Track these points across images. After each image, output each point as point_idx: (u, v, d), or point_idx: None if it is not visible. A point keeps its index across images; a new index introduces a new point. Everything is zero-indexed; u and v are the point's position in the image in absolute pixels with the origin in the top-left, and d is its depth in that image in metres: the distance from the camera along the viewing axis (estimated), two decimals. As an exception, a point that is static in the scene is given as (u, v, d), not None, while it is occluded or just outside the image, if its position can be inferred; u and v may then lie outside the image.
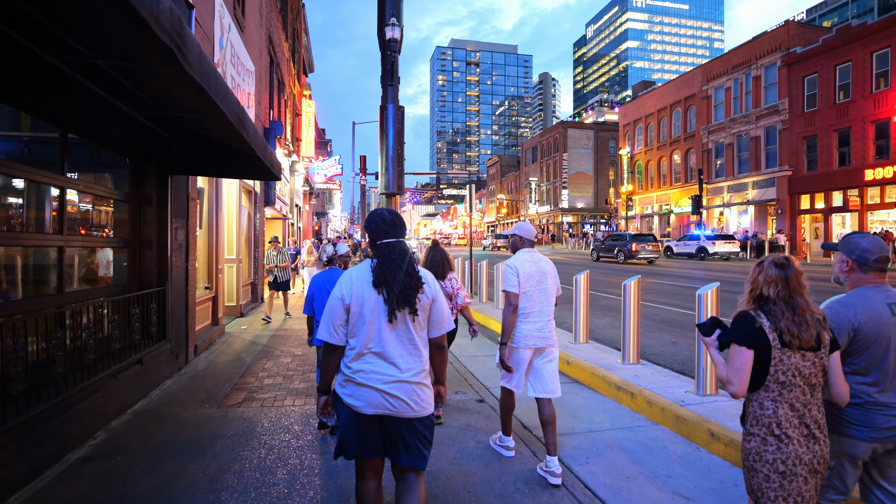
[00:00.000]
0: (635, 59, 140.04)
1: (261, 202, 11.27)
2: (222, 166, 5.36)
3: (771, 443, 1.83)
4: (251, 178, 5.44)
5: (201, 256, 7.53)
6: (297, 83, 20.03)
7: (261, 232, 11.27)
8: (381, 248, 2.16)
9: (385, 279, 2.09)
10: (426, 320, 2.18)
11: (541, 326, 3.26)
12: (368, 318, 2.08)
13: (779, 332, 1.84)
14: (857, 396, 1.99)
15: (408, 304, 2.10)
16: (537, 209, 62.96)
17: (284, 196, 15.16)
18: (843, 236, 2.18)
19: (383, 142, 8.99)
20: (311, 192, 26.04)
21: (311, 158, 19.53)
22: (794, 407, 1.84)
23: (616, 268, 20.44)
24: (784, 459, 1.81)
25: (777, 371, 1.84)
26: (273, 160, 5.10)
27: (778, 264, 1.92)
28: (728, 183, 32.37)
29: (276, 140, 11.74)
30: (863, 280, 2.06)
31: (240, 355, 6.49)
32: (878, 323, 1.97)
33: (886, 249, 2.05)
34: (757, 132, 30.21)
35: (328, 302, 2.15)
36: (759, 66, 30.15)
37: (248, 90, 9.41)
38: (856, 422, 1.98)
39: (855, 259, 2.06)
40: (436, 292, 2.20)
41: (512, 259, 3.35)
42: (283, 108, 15.36)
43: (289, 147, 16.18)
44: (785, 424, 1.82)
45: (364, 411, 2.07)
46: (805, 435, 1.83)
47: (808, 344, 1.83)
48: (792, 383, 1.83)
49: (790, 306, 1.87)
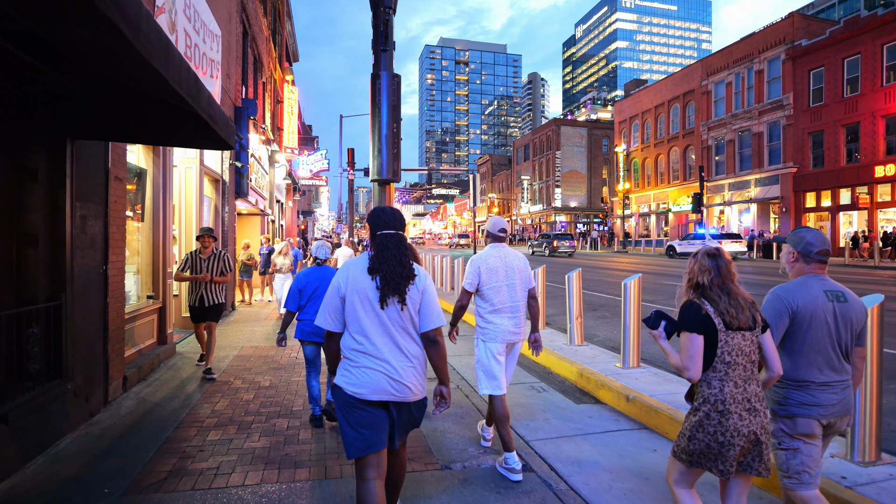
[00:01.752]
0: (624, 60, 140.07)
1: (230, 193, 9.64)
2: (152, 129, 3.79)
3: (713, 418, 2.01)
4: (196, 147, 3.91)
5: (144, 257, 5.93)
6: (279, 67, 18.37)
7: (231, 228, 9.65)
8: (380, 237, 2.25)
9: (380, 266, 2.18)
10: (416, 312, 2.23)
11: (515, 322, 3.27)
12: (363, 304, 2.16)
13: (722, 315, 2.03)
14: (800, 380, 2.17)
15: (398, 292, 2.17)
16: (530, 208, 61.76)
17: (262, 189, 13.51)
18: (791, 231, 2.36)
19: (375, 118, 7.44)
20: (296, 187, 24.33)
21: (293, 150, 17.89)
22: (737, 384, 2.02)
23: (544, 259, 26.53)
24: (724, 431, 1.98)
25: (723, 352, 2.03)
26: (223, 121, 3.55)
27: (710, 255, 2.14)
28: (729, 180, 31.37)
29: (249, 121, 10.13)
30: (805, 270, 2.26)
31: (186, 387, 4.91)
32: (814, 307, 2.16)
33: (828, 244, 2.28)
34: (760, 128, 29.23)
35: (327, 292, 2.25)
36: (761, 60, 29.16)
37: (213, 57, 7.80)
38: (806, 403, 2.15)
39: (800, 251, 2.25)
40: (426, 286, 2.26)
41: (477, 254, 3.34)
42: (260, 90, 13.72)
43: (266, 133, 14.53)
44: (729, 401, 2.00)
45: (369, 398, 2.13)
46: (746, 409, 2.01)
47: (746, 324, 2.04)
48: (736, 362, 2.03)
49: (725, 291, 2.08)
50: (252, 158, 11.62)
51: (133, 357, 5.15)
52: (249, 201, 11.24)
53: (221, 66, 8.41)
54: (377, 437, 2.12)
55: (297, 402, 4.53)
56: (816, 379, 2.15)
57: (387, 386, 2.12)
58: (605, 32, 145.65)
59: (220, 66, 8.19)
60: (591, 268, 20.55)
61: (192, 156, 7.64)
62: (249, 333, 7.73)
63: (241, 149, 9.97)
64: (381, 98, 7.56)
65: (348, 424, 2.13)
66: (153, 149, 5.91)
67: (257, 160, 12.52)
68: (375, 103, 7.59)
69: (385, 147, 7.52)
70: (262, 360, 6.02)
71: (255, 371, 5.52)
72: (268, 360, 6.07)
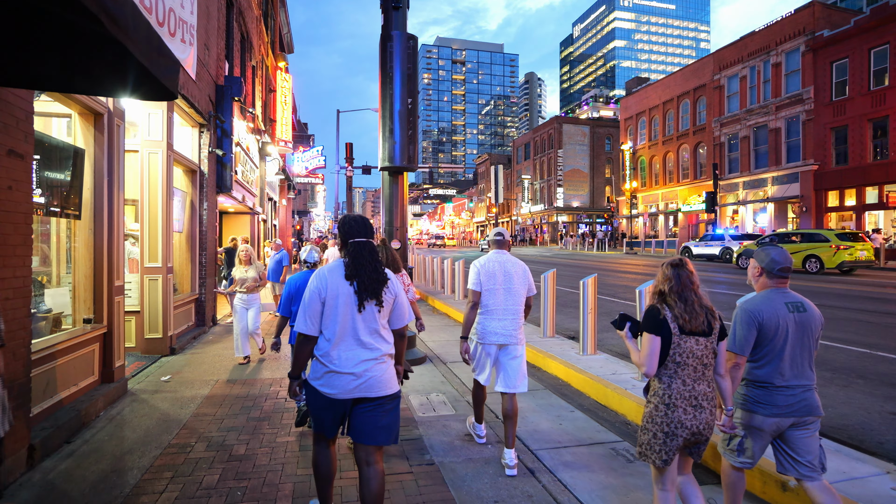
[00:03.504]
0: (622, 59, 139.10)
1: (210, 186, 8.13)
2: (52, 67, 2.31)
3: (661, 409, 2.23)
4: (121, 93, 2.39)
5: (82, 266, 4.42)
6: (271, 54, 16.85)
7: (210, 228, 8.13)
8: (352, 245, 2.40)
9: (357, 272, 2.33)
10: (389, 313, 2.41)
11: (505, 324, 3.41)
12: (342, 309, 2.30)
13: (677, 320, 2.23)
14: (763, 381, 2.39)
15: (375, 295, 2.33)
16: (530, 208, 60.37)
17: (251, 184, 11.99)
18: (758, 247, 2.58)
19: (386, 90, 5.96)
20: (290, 185, 22.80)
21: (287, 143, 16.36)
22: (685, 382, 2.23)
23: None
24: (668, 423, 2.20)
25: (675, 353, 2.23)
26: (161, 54, 2.07)
27: (673, 265, 2.33)
28: (744, 179, 30.05)
29: (233, 104, 8.62)
30: (768, 284, 2.48)
31: (125, 459, 3.42)
32: (777, 319, 2.37)
33: (790, 261, 2.49)
34: (777, 123, 27.93)
35: (305, 296, 2.33)
36: (779, 53, 27.87)
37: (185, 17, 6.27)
38: (762, 401, 2.37)
39: (764, 267, 2.47)
40: (398, 290, 2.45)
41: (479, 259, 3.54)
42: (249, 73, 12.20)
43: (257, 123, 13.01)
44: (675, 396, 2.22)
45: (340, 398, 2.29)
46: (693, 405, 2.22)
47: (699, 329, 2.23)
48: (686, 363, 2.23)
49: (682, 299, 2.27)
50: (238, 148, 10.11)
51: (52, 410, 3.64)
52: (234, 197, 9.72)
53: (198, 34, 6.90)
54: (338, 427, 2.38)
55: (285, 484, 3.06)
56: (777, 382, 2.37)
57: (356, 385, 2.28)
58: (602, 31, 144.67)
59: (194, 30, 6.67)
60: (599, 270, 19.14)
61: (157, 138, 6.14)
62: (229, 359, 6.23)
63: (224, 134, 8.46)
64: (394, 64, 6.01)
65: (323, 418, 2.36)
66: (94, 122, 4.41)
67: (245, 151, 11.01)
68: (386, 72, 6.06)
69: (398, 126, 5.99)
70: (240, 405, 4.52)
71: (228, 425, 4.02)
72: (247, 403, 4.58)
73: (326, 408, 2.31)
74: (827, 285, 13.33)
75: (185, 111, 7.08)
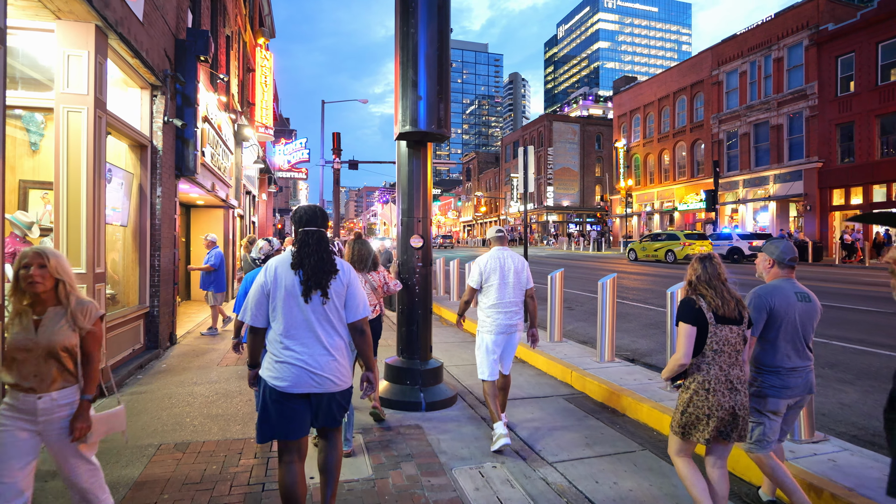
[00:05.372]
0: (606, 60, 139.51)
1: (166, 167, 6.32)
2: None
3: (701, 395, 2.37)
4: None
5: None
6: (250, 29, 14.97)
7: (166, 220, 6.34)
8: (301, 234, 2.33)
9: (301, 261, 2.25)
10: (341, 305, 2.32)
11: (511, 315, 3.71)
12: (287, 300, 2.23)
13: (712, 309, 2.38)
14: (773, 366, 2.55)
15: (320, 286, 2.24)
16: (519, 207, 59.09)
17: (224, 172, 10.14)
18: (766, 242, 2.83)
19: (406, 24, 4.30)
20: (271, 178, 20.85)
21: (268, 128, 14.50)
22: (721, 368, 2.37)
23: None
24: (709, 406, 2.34)
25: (712, 341, 2.38)
26: None
27: (701, 258, 2.52)
28: (744, 177, 29.17)
29: (198, 65, 6.83)
30: (779, 274, 2.69)
31: None
32: (787, 305, 2.55)
33: (796, 252, 2.71)
34: (779, 120, 27.08)
35: (252, 287, 2.30)
36: (780, 47, 27.03)
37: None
38: (776, 385, 2.54)
39: (775, 259, 2.69)
40: (350, 279, 2.36)
41: (481, 256, 3.79)
42: (221, 41, 10.36)
43: (231, 98, 11.16)
44: (714, 381, 2.36)
45: (290, 391, 2.20)
46: (728, 388, 2.35)
47: (732, 316, 2.38)
48: (722, 350, 2.37)
49: (710, 286, 2.43)
50: (207, 125, 8.30)
51: None
52: (201, 183, 7.89)
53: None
54: (297, 425, 2.24)
55: None
56: (786, 365, 2.54)
57: (308, 379, 2.21)
58: (587, 33, 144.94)
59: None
60: (601, 271, 17.79)
61: (80, 90, 4.36)
62: (184, 400, 4.49)
63: (186, 102, 6.67)
64: (419, -6, 4.38)
65: (269, 411, 2.23)
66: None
67: (216, 130, 9.18)
68: (406, 3, 4.44)
69: (424, 75, 4.20)
70: (192, 492, 2.82)
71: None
72: (202, 487, 2.88)
73: (276, 401, 2.22)
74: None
75: (128, 63, 5.30)
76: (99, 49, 4.47)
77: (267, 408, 2.22)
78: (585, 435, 3.83)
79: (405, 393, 4.37)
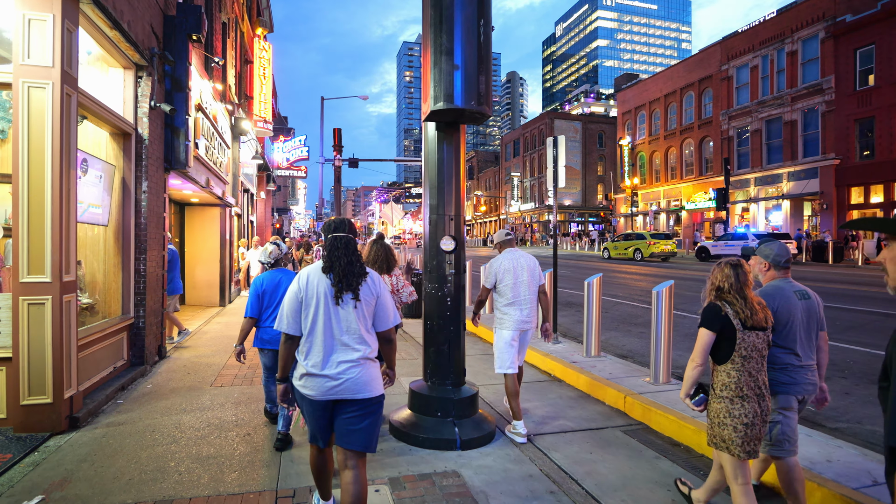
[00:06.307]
0: (605, 58, 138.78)
1: (153, 159, 5.56)
2: None
3: (737, 403, 2.35)
4: None
5: None
6: (247, 19, 14.19)
7: (153, 219, 5.58)
8: (330, 239, 2.40)
9: (332, 264, 2.32)
10: (371, 313, 2.37)
11: (527, 313, 3.87)
12: (320, 306, 2.28)
13: (740, 317, 2.36)
14: (782, 364, 2.59)
15: (351, 288, 2.30)
16: (520, 206, 58.35)
17: (220, 167, 9.38)
18: (759, 245, 2.82)
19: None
20: (270, 177, 20.07)
21: (266, 122, 13.72)
22: (751, 374, 2.37)
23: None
24: (746, 413, 2.33)
25: (740, 348, 2.36)
26: None
27: (732, 265, 2.46)
28: (755, 175, 28.45)
29: (189, 44, 6.06)
30: (776, 276, 2.72)
31: None
32: (789, 306, 2.60)
33: (790, 253, 2.87)
34: (793, 116, 26.36)
35: (286, 295, 2.36)
36: (794, 40, 26.31)
37: None
38: (787, 381, 2.58)
39: (771, 261, 2.72)
40: (380, 289, 2.42)
41: (495, 258, 4.00)
42: (217, 25, 9.59)
43: (230, 95, 10.40)
44: (745, 388, 2.36)
45: (319, 399, 2.27)
46: (758, 395, 2.36)
47: (760, 324, 2.38)
48: (750, 356, 2.37)
49: (741, 296, 2.39)
50: (201, 115, 7.53)
51: None
52: (194, 178, 7.12)
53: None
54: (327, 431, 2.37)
55: None
56: (795, 363, 2.58)
57: (331, 385, 2.25)
58: (585, 31, 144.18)
59: None
60: (615, 273, 17.05)
61: (44, 62, 3.61)
62: (169, 436, 3.74)
63: (175, 87, 5.91)
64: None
65: (307, 417, 2.36)
66: None
67: (211, 121, 8.42)
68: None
69: (460, 42, 3.29)
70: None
71: None
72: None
73: (309, 408, 2.31)
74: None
75: (106, 36, 4.53)
76: (67, 13, 3.71)
77: (306, 416, 2.35)
78: (664, 484, 3.09)
79: (436, 427, 3.62)
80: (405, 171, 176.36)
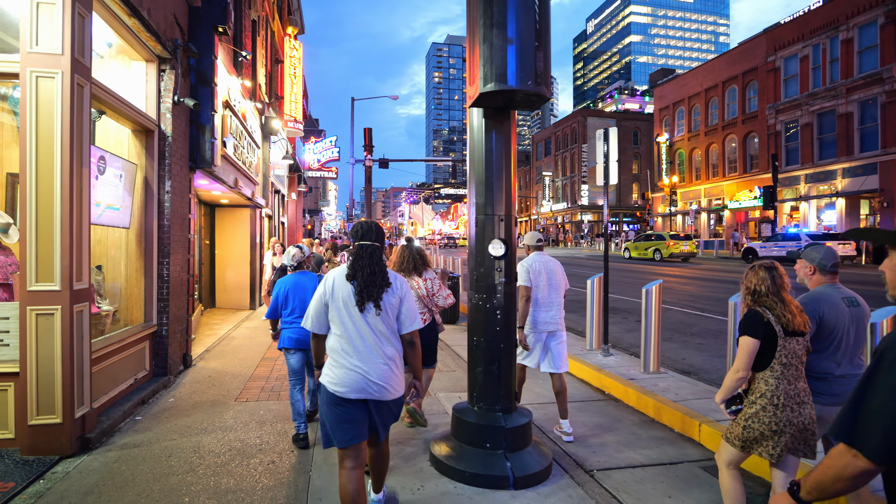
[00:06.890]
0: (639, 54, 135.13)
1: (177, 157, 5.26)
2: None
3: (769, 410, 2.27)
4: None
5: None
6: (278, 17, 14.06)
7: (177, 220, 5.28)
8: (357, 248, 2.47)
9: (355, 273, 2.40)
10: (394, 317, 2.43)
11: (553, 314, 3.92)
12: (344, 309, 2.36)
13: (781, 323, 2.28)
14: (822, 373, 2.49)
15: (372, 297, 2.36)
16: (552, 207, 57.19)
17: (249, 167, 9.15)
18: (804, 249, 2.67)
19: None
20: (301, 178, 20.02)
21: (297, 122, 13.54)
22: (790, 382, 2.29)
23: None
24: (777, 422, 2.25)
25: (781, 355, 2.28)
26: None
27: (767, 267, 2.40)
28: (806, 171, 26.73)
29: (215, 37, 5.76)
30: (822, 281, 2.59)
31: None
32: (836, 313, 2.47)
33: (838, 257, 2.59)
34: (848, 108, 24.61)
35: (313, 298, 2.46)
36: (850, 27, 24.56)
37: None
38: (823, 391, 2.46)
39: (816, 265, 2.58)
40: (404, 294, 2.47)
41: (524, 259, 3.96)
42: (247, 22, 9.37)
43: (260, 94, 10.18)
44: (783, 396, 2.27)
45: (349, 396, 2.31)
46: (797, 402, 2.27)
47: (801, 329, 2.30)
48: (790, 363, 2.29)
49: (779, 299, 2.32)
50: (229, 112, 7.26)
51: None
52: (221, 178, 6.84)
53: None
54: (356, 431, 2.33)
55: None
56: (835, 372, 2.48)
57: (365, 385, 2.31)
58: (618, 27, 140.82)
59: None
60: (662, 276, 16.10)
61: (52, 50, 3.29)
62: (186, 463, 3.37)
63: (200, 81, 5.61)
64: None
65: (329, 419, 2.34)
66: None
67: (240, 120, 8.17)
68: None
69: (515, 11, 2.93)
70: None
71: None
72: None
73: (335, 405, 2.31)
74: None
75: (124, 24, 4.23)
76: (79, -5, 3.39)
77: (329, 414, 2.33)
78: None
79: (485, 461, 3.11)
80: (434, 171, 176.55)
